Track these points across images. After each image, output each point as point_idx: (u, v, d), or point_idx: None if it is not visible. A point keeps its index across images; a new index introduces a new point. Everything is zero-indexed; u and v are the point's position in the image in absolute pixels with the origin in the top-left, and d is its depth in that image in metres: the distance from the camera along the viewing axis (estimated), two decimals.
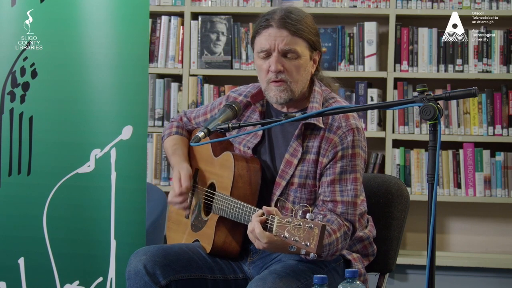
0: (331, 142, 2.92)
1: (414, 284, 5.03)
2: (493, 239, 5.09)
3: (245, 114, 3.11)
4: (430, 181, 2.49)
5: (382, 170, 4.98)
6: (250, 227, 2.73)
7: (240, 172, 2.98)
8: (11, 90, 3.60)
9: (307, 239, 2.56)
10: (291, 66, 2.93)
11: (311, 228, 2.56)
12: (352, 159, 2.92)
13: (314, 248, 2.56)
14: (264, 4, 5.06)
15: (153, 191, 4.19)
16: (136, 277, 2.94)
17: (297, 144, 2.96)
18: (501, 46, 4.92)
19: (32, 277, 3.60)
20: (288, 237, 2.60)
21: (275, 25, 2.93)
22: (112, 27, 3.53)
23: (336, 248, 2.84)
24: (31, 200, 3.58)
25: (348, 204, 2.90)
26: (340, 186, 2.91)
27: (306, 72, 2.97)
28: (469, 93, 2.53)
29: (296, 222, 2.59)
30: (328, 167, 2.93)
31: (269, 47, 2.93)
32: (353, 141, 2.92)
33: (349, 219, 2.90)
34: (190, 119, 3.32)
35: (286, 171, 2.97)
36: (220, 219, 3.02)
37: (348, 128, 2.93)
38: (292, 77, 2.94)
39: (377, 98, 4.98)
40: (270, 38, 2.93)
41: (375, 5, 4.97)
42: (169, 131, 3.33)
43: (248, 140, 3.08)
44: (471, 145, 4.92)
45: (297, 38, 2.93)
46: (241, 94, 3.15)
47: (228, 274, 3.06)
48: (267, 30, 2.94)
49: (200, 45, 5.09)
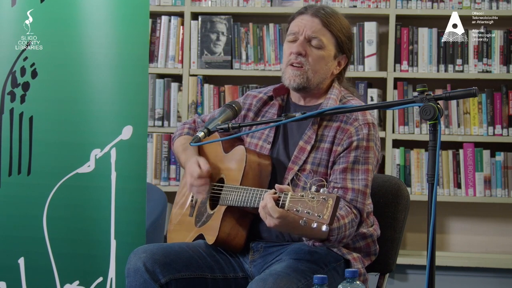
0: (346, 132, 2.96)
1: (414, 284, 5.03)
2: (493, 239, 5.09)
3: (263, 110, 3.16)
4: (430, 181, 2.49)
5: (382, 170, 4.98)
6: (263, 203, 2.73)
7: (251, 165, 3.01)
8: (11, 90, 3.60)
9: (320, 211, 2.56)
10: (313, 53, 3.01)
11: (325, 200, 2.56)
12: (366, 151, 2.96)
13: (327, 219, 2.55)
14: (264, 4, 5.06)
15: (153, 191, 4.19)
16: (135, 275, 2.94)
17: (312, 132, 3.00)
18: (501, 46, 4.92)
19: (32, 277, 3.60)
20: (301, 210, 2.59)
21: (309, 13, 3.04)
22: (112, 27, 3.53)
23: (344, 234, 2.85)
24: (31, 200, 3.58)
25: (358, 192, 2.92)
26: (351, 174, 2.94)
27: (327, 67, 3.03)
28: (469, 93, 2.53)
29: (311, 195, 2.59)
30: (342, 155, 2.96)
31: (298, 30, 3.02)
32: (369, 135, 2.96)
33: (358, 207, 2.92)
34: (204, 121, 3.33)
35: (299, 157, 3.00)
36: (227, 210, 3.01)
37: (364, 121, 2.97)
38: (311, 64, 3.00)
39: (377, 98, 4.98)
40: (302, 23, 3.03)
41: (375, 5, 4.97)
42: (180, 131, 3.34)
43: (266, 134, 3.11)
44: (471, 145, 4.92)
45: (326, 30, 3.02)
46: (261, 92, 3.21)
47: (228, 273, 3.06)
48: (301, 16, 3.06)
49: (200, 45, 5.09)
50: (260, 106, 3.16)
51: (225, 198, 3.03)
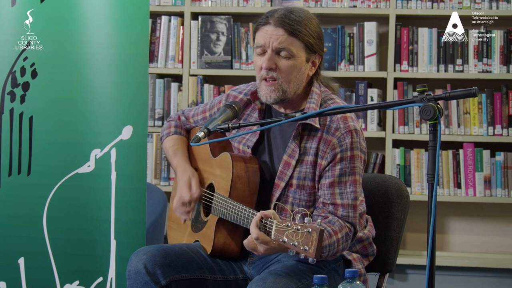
0: (329, 144, 2.91)
1: (414, 284, 5.03)
2: (493, 239, 5.09)
3: (245, 113, 3.11)
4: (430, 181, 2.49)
5: (382, 170, 4.99)
6: (254, 235, 2.72)
7: (239, 173, 2.97)
8: (11, 90, 3.60)
9: (306, 244, 2.56)
10: (283, 65, 2.92)
11: (310, 233, 2.56)
12: (351, 161, 2.91)
13: (312, 253, 2.56)
14: (264, 4, 5.06)
15: (153, 191, 4.19)
16: (136, 277, 2.94)
17: (295, 145, 2.95)
18: (501, 46, 4.92)
19: (32, 277, 3.60)
20: (287, 241, 2.60)
21: (272, 23, 2.93)
22: (112, 27, 3.53)
23: (337, 249, 2.84)
24: (31, 200, 3.58)
25: (348, 207, 2.90)
26: (339, 188, 2.91)
27: (301, 73, 2.96)
28: (469, 93, 2.53)
29: (295, 226, 2.59)
30: (327, 169, 2.92)
31: (264, 43, 2.93)
32: (352, 143, 2.91)
33: (350, 221, 2.90)
34: (188, 118, 3.31)
35: (284, 172, 2.97)
36: (219, 220, 3.01)
37: (346, 130, 2.91)
38: (283, 77, 2.93)
39: (377, 98, 4.98)
40: (266, 35, 2.93)
41: (375, 5, 4.97)
42: (167, 131, 3.32)
43: (247, 139, 3.08)
44: (471, 145, 4.92)
45: (293, 38, 2.92)
46: (241, 93, 3.14)
47: (228, 274, 3.06)
48: (264, 27, 2.95)
49: (200, 45, 5.09)
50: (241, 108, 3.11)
51: (216, 209, 3.02)
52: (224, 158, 3.05)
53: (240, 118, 3.09)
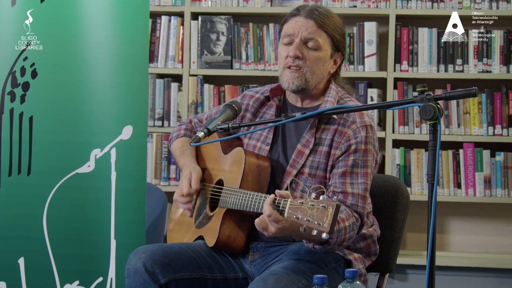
0: (344, 135, 2.96)
1: (414, 284, 5.03)
2: (493, 239, 5.09)
3: (260, 111, 3.16)
4: (430, 181, 2.49)
5: (382, 170, 4.99)
6: (266, 212, 2.71)
7: (250, 167, 3.00)
8: (11, 90, 3.60)
9: (320, 219, 2.55)
10: (310, 56, 3.01)
11: (325, 208, 2.56)
12: (365, 154, 2.95)
13: (327, 227, 2.54)
14: (264, 4, 5.06)
15: (153, 191, 4.19)
16: (135, 275, 2.94)
17: (310, 136, 3.00)
18: (501, 46, 4.92)
19: (32, 277, 3.60)
20: (301, 217, 2.59)
21: (303, 15, 3.03)
22: (112, 27, 3.53)
23: (344, 237, 2.85)
24: (31, 200, 3.58)
25: (358, 196, 2.92)
26: (351, 178, 2.94)
27: (324, 67, 3.04)
28: (469, 93, 2.53)
29: (310, 202, 2.59)
30: (340, 159, 2.96)
31: (293, 32, 3.02)
32: (366, 138, 2.96)
33: (358, 211, 2.92)
34: (201, 121, 3.33)
35: (297, 160, 3.00)
36: (227, 212, 3.02)
37: (362, 124, 2.97)
38: (309, 66, 3.01)
39: (377, 98, 4.98)
40: (296, 25, 3.02)
41: (375, 5, 4.97)
42: (177, 133, 3.34)
43: (265, 136, 3.11)
44: (471, 145, 4.92)
45: (321, 31, 3.02)
46: (258, 92, 3.20)
47: (228, 273, 3.06)
48: (294, 18, 3.05)
49: (200, 45, 5.09)
50: (257, 106, 3.16)
51: (225, 200, 3.03)
52: (236, 152, 3.07)
53: (257, 116, 3.15)
